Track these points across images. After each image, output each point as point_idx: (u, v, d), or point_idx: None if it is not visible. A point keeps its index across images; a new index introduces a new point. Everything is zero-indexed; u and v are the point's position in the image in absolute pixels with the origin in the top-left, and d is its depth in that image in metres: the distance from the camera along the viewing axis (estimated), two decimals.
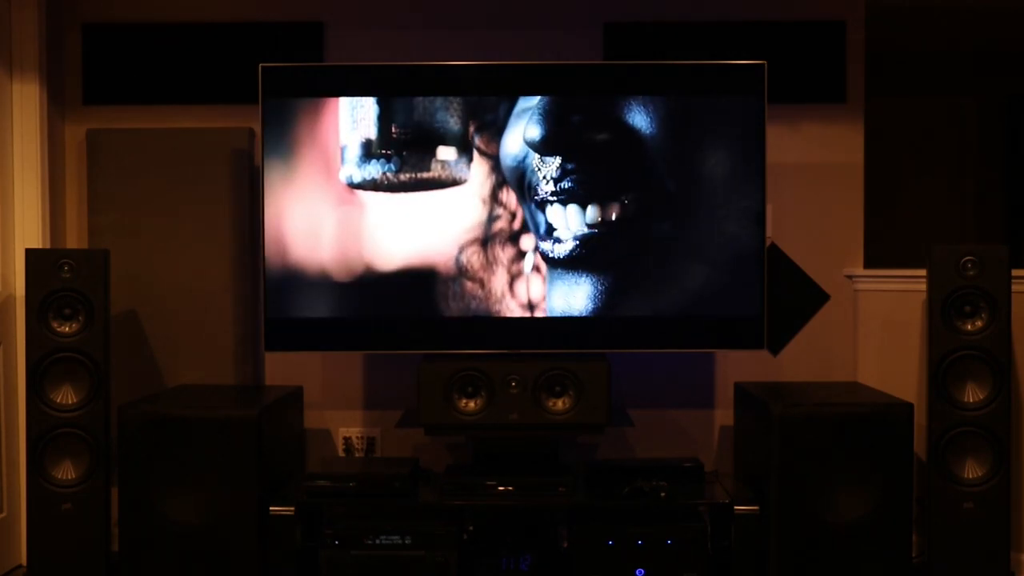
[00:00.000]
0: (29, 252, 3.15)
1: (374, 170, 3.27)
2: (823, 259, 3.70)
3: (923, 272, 3.22)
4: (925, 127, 5.49)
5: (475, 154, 3.27)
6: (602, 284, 3.29)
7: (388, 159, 3.27)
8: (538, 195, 3.26)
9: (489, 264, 3.28)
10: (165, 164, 3.58)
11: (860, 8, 3.68)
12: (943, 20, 4.49)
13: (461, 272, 3.28)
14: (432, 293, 3.28)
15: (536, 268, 3.28)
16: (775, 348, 3.70)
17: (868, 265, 3.72)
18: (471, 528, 3.20)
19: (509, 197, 3.27)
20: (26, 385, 3.13)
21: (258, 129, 3.37)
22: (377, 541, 3.09)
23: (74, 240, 3.69)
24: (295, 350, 3.40)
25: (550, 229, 3.26)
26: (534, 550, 3.15)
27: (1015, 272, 3.15)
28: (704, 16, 3.67)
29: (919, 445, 3.22)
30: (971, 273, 3.10)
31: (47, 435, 3.10)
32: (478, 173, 3.27)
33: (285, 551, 3.07)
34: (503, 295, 3.29)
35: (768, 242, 3.48)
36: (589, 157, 3.27)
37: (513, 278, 3.29)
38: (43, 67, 3.51)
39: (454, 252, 3.28)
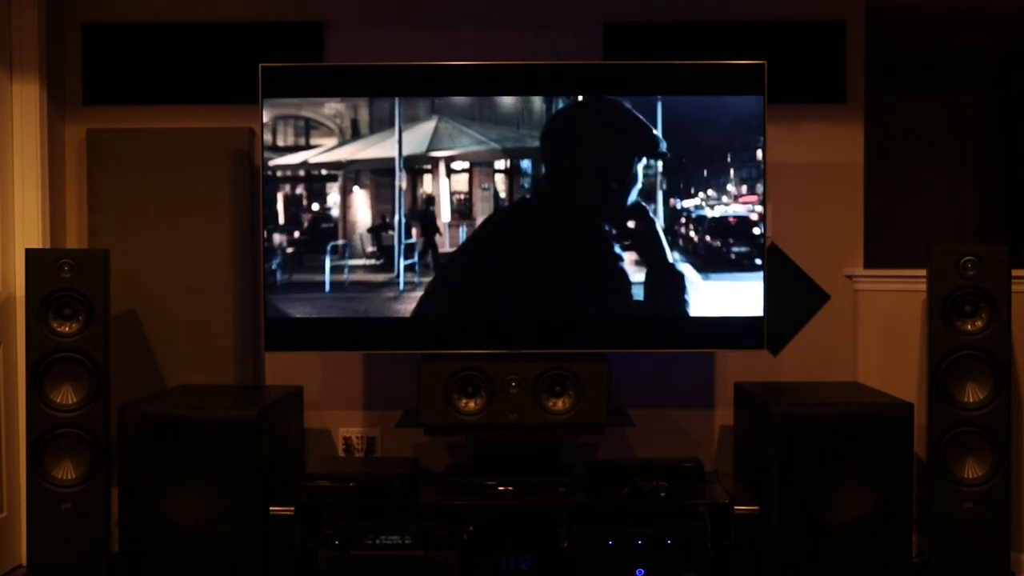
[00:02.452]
0: (29, 252, 3.15)
1: None
2: (823, 259, 3.70)
3: (923, 272, 3.22)
4: (925, 127, 5.49)
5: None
6: (602, 283, 3.29)
7: None
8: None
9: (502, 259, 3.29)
10: (165, 164, 3.58)
11: (860, 8, 3.68)
12: (943, 20, 4.49)
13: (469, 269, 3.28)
14: (433, 292, 3.29)
15: (540, 265, 3.28)
16: (775, 348, 3.70)
17: (868, 265, 3.72)
18: (471, 528, 3.20)
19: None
20: (26, 385, 3.12)
21: (258, 129, 3.37)
22: (377, 541, 3.09)
23: (74, 240, 3.69)
24: (295, 350, 3.39)
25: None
26: (534, 550, 3.15)
27: (1015, 272, 3.15)
28: (704, 16, 3.67)
29: (919, 445, 3.22)
30: (971, 273, 3.10)
31: (47, 435, 3.10)
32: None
33: (285, 551, 3.07)
34: (504, 294, 3.29)
35: (768, 242, 3.48)
36: (590, 157, 3.26)
37: (521, 274, 3.29)
38: (43, 67, 3.51)
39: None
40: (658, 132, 3.25)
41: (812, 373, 3.69)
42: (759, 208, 3.28)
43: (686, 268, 3.28)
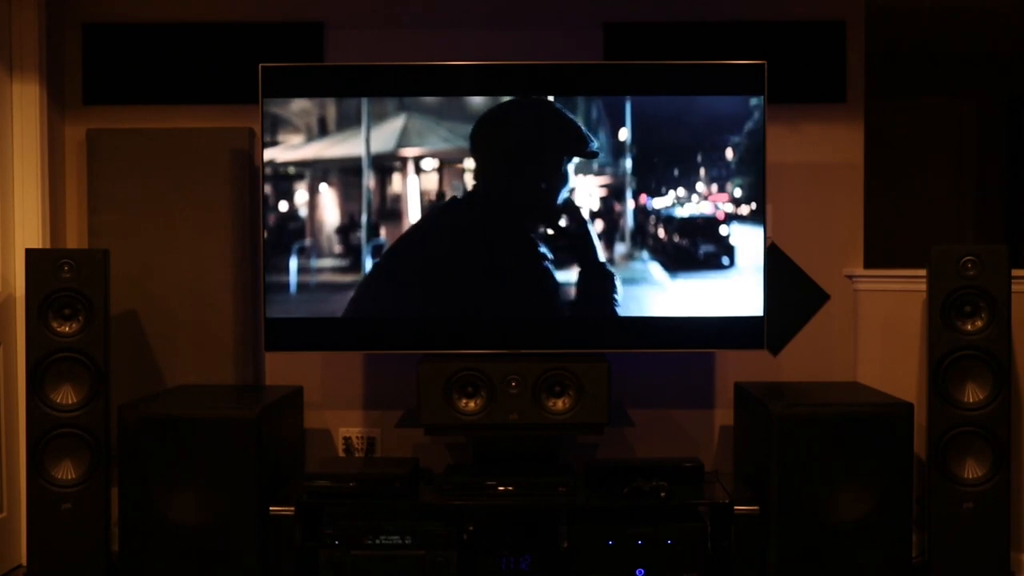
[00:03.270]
0: (29, 252, 3.15)
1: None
2: (823, 259, 3.71)
3: (923, 272, 3.22)
4: (925, 127, 5.49)
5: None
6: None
7: None
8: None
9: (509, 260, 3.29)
10: (165, 164, 3.58)
11: (860, 8, 3.68)
12: (943, 20, 4.49)
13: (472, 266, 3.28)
14: (433, 292, 3.28)
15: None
16: (775, 348, 3.70)
17: (868, 265, 3.72)
18: (471, 528, 3.20)
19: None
20: (26, 385, 3.13)
21: (258, 129, 3.36)
22: (377, 541, 3.09)
23: (74, 240, 3.69)
24: (295, 350, 3.39)
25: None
26: (534, 550, 3.15)
27: (1015, 272, 3.15)
28: (704, 16, 3.67)
29: (919, 445, 3.22)
30: (971, 273, 3.10)
31: (47, 435, 3.10)
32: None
33: (285, 551, 3.07)
34: (506, 293, 3.29)
35: (768, 242, 3.48)
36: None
37: (522, 274, 3.29)
38: (43, 67, 3.51)
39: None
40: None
41: (812, 373, 3.69)
42: (759, 208, 3.27)
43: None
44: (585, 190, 3.27)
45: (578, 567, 3.11)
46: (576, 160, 3.26)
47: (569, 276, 3.26)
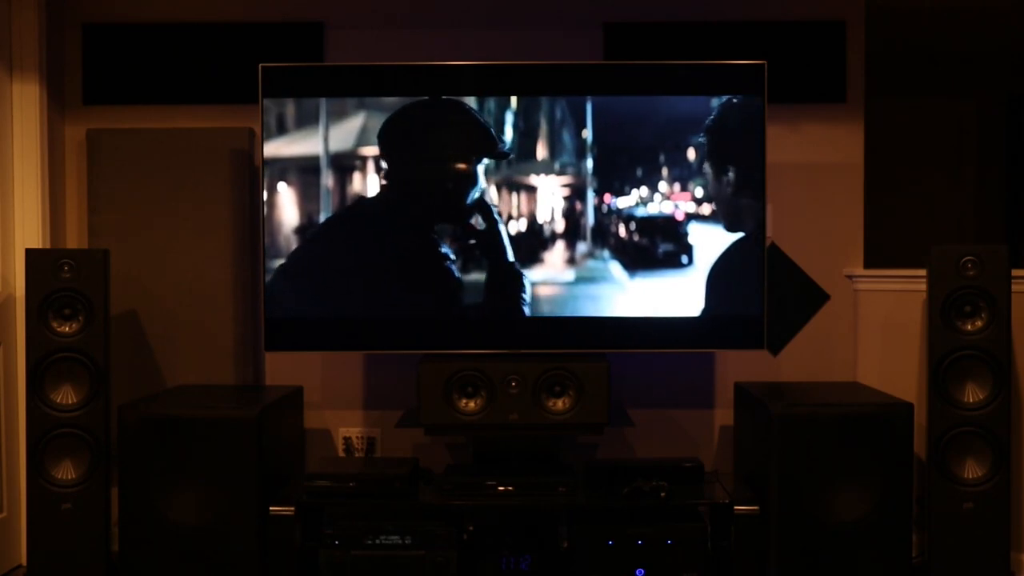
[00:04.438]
0: (29, 252, 3.15)
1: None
2: (823, 259, 3.71)
3: (923, 272, 3.22)
4: (925, 127, 5.49)
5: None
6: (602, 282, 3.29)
7: None
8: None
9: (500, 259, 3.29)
10: (165, 164, 3.58)
11: (860, 8, 3.68)
12: (943, 20, 4.49)
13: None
14: (434, 292, 3.28)
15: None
16: (775, 348, 3.70)
17: (868, 265, 3.72)
18: (471, 528, 3.20)
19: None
20: (26, 385, 3.12)
21: (258, 129, 3.36)
22: (377, 541, 3.09)
23: (74, 240, 3.69)
24: (295, 350, 3.39)
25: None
26: (534, 550, 3.15)
27: (1015, 272, 3.15)
28: (704, 16, 3.67)
29: (919, 445, 3.22)
30: (971, 273, 3.10)
31: (47, 435, 3.10)
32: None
33: (285, 551, 3.07)
34: (507, 293, 3.29)
35: (768, 242, 3.48)
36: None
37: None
38: (43, 67, 3.51)
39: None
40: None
41: (812, 373, 3.69)
42: (759, 208, 3.27)
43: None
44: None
45: (578, 567, 3.11)
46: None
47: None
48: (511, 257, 3.26)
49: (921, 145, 5.48)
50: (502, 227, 3.25)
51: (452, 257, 3.25)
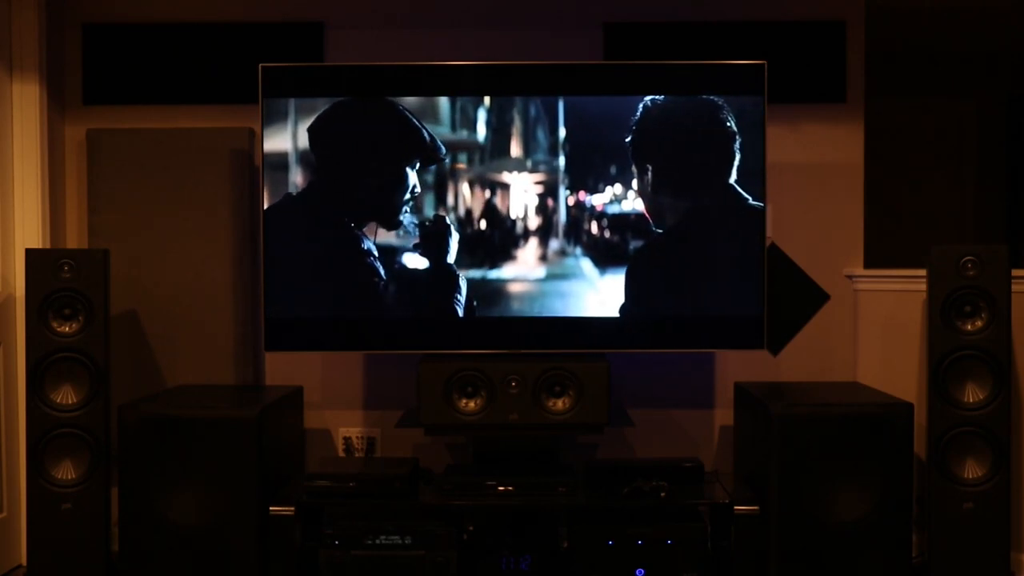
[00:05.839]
0: (29, 252, 3.15)
1: None
2: (823, 259, 3.71)
3: (923, 272, 3.22)
4: (925, 127, 5.49)
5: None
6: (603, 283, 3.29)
7: None
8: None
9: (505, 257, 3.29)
10: (165, 164, 3.58)
11: (860, 8, 3.68)
12: (943, 20, 4.49)
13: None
14: (433, 291, 3.28)
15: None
16: (775, 348, 3.70)
17: (868, 265, 3.72)
18: (471, 528, 3.20)
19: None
20: (26, 385, 3.13)
21: (258, 129, 3.37)
22: (377, 541, 3.09)
23: (74, 240, 3.69)
24: (295, 350, 3.39)
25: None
26: (534, 550, 3.15)
27: (1015, 272, 3.15)
28: (704, 16, 3.67)
29: (919, 445, 3.22)
30: (971, 273, 3.10)
31: (47, 435, 3.10)
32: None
33: (285, 551, 3.07)
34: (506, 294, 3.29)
35: (768, 242, 3.48)
36: (591, 156, 3.27)
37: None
38: (43, 67, 3.51)
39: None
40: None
41: (812, 373, 3.69)
42: (759, 207, 3.27)
43: (686, 267, 3.27)
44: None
45: (578, 567, 3.11)
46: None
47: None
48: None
49: (921, 145, 5.49)
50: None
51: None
